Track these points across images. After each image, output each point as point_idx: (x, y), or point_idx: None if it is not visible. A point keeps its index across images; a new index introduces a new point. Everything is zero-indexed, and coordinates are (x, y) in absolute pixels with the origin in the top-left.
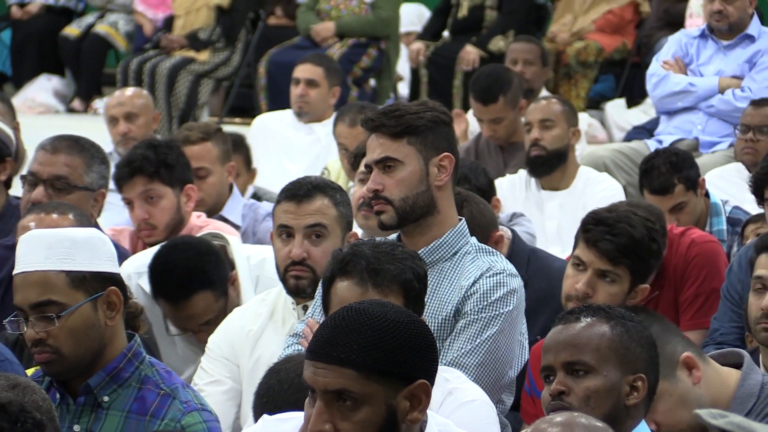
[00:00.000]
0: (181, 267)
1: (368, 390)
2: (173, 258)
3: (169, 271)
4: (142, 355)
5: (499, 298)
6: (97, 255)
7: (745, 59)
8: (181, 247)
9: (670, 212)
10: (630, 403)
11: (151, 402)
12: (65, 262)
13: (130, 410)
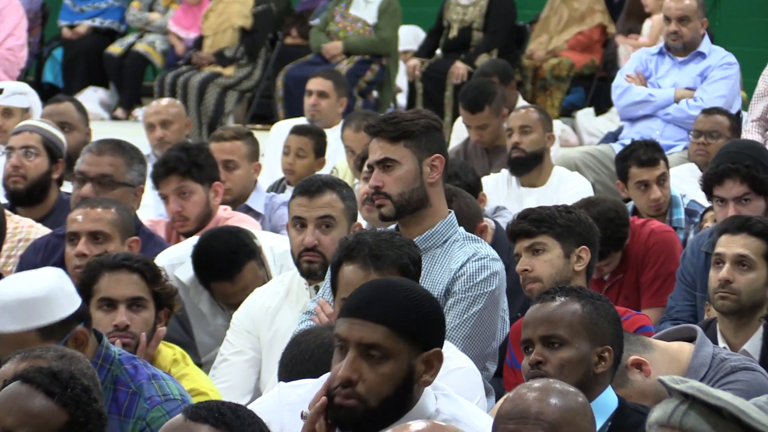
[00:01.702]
0: (224, 248)
1: (396, 347)
2: (215, 244)
3: (216, 255)
4: (111, 356)
5: (483, 279)
6: (59, 304)
7: (698, 73)
8: (217, 234)
9: (657, 183)
10: (598, 371)
11: (122, 402)
12: (34, 320)
13: (109, 411)
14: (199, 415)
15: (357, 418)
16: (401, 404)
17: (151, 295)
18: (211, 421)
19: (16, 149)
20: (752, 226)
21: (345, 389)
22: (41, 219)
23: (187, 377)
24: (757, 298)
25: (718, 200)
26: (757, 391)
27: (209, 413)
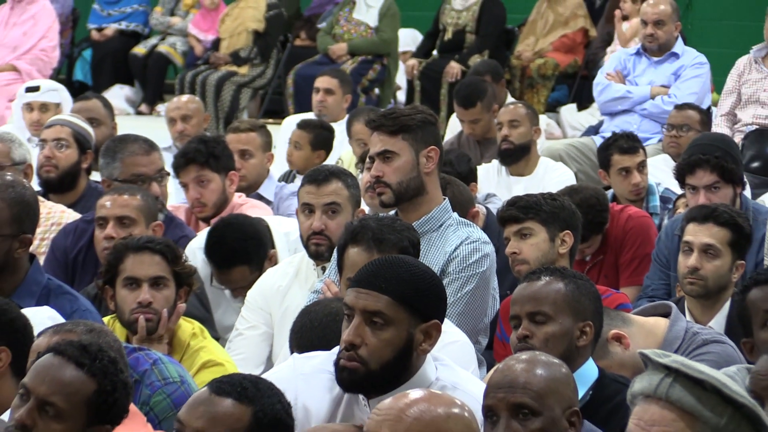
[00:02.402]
0: (228, 245)
1: (397, 316)
2: (225, 236)
3: (219, 246)
4: None
5: (475, 261)
6: None
7: (672, 72)
8: (234, 226)
9: (636, 169)
10: (580, 344)
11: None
12: None
13: None
14: (223, 389)
15: (359, 380)
16: (401, 370)
17: (172, 275)
18: (233, 395)
19: (48, 141)
20: (718, 216)
21: (348, 352)
22: (71, 205)
23: (204, 349)
24: (723, 282)
25: (690, 188)
26: (726, 362)
27: (232, 387)
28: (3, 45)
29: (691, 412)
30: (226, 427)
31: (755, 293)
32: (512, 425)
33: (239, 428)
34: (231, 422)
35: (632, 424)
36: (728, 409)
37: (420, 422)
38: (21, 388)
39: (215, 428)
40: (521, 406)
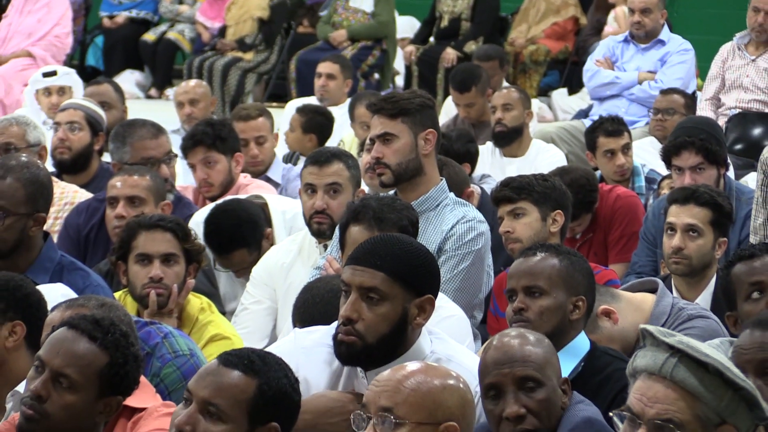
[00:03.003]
0: (225, 231)
1: (392, 291)
2: (221, 222)
3: (216, 233)
4: None
5: (471, 239)
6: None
7: (658, 58)
8: (229, 213)
9: (622, 152)
10: (573, 318)
11: None
12: None
13: None
14: (231, 361)
15: (356, 353)
16: (396, 343)
17: (181, 252)
18: (240, 367)
19: (62, 124)
20: (698, 197)
21: (346, 327)
22: (84, 185)
23: (212, 323)
24: (706, 260)
25: (676, 169)
26: (710, 335)
27: (239, 360)
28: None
29: (693, 393)
30: (231, 397)
31: (739, 268)
32: (520, 398)
33: (244, 399)
34: (236, 392)
35: (634, 398)
36: (728, 392)
37: (417, 393)
38: (36, 360)
39: (220, 397)
40: (526, 379)
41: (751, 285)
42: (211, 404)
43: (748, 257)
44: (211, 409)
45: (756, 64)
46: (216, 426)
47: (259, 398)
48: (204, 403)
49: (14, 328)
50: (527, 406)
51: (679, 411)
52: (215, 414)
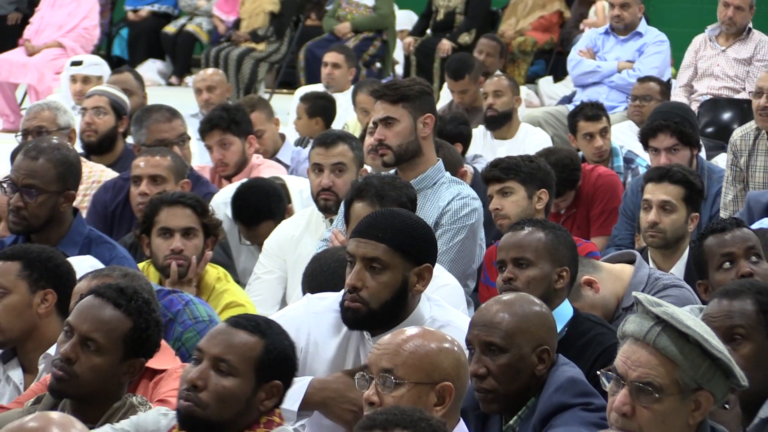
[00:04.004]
0: (252, 205)
1: (393, 261)
2: (248, 197)
3: (245, 207)
4: None
5: (465, 214)
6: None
7: (636, 49)
8: (255, 189)
9: (599, 135)
10: (558, 287)
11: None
12: None
13: None
14: (239, 323)
15: (361, 318)
16: (398, 308)
17: (200, 226)
18: (248, 328)
19: (89, 109)
20: (672, 175)
21: (351, 294)
22: (110, 165)
23: (228, 292)
24: (680, 233)
25: (653, 150)
26: (684, 303)
27: (246, 322)
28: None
29: (673, 360)
30: (240, 354)
31: (711, 240)
32: (482, 359)
33: (252, 356)
34: (245, 350)
35: (620, 360)
36: (706, 361)
37: (415, 355)
38: (66, 326)
39: (231, 354)
40: (490, 344)
41: (722, 256)
42: (222, 360)
43: (719, 230)
44: (222, 365)
45: (726, 54)
46: (227, 380)
47: (265, 357)
48: (215, 359)
49: (46, 296)
50: (488, 367)
51: (659, 376)
52: (226, 370)
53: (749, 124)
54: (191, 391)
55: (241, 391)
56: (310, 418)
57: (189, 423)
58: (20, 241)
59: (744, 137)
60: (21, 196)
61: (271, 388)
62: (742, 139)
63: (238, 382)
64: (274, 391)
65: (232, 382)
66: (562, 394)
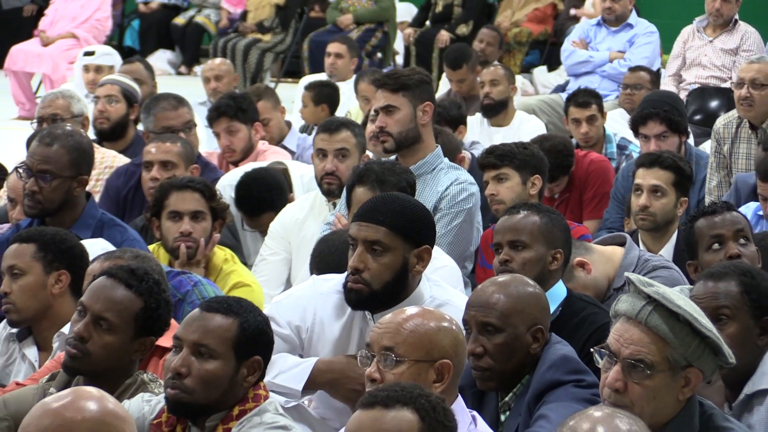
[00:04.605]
0: (254, 197)
1: (393, 243)
2: (251, 188)
3: (247, 198)
4: None
5: (463, 198)
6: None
7: (627, 40)
8: (258, 180)
9: (586, 121)
10: (552, 268)
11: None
12: None
13: None
14: (212, 307)
15: (364, 299)
16: (399, 289)
17: (208, 209)
18: (221, 310)
19: (101, 98)
20: (662, 161)
21: (354, 276)
22: (122, 151)
23: (235, 272)
24: (669, 217)
25: (643, 137)
26: (672, 284)
27: (219, 304)
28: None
29: (664, 338)
30: (218, 337)
31: (701, 222)
32: (479, 339)
33: (229, 337)
34: (221, 332)
35: (612, 338)
36: (696, 340)
37: (415, 334)
38: (79, 305)
39: (209, 338)
40: (486, 324)
41: (711, 237)
42: (201, 345)
43: (710, 213)
44: (202, 349)
45: (713, 44)
46: (208, 363)
47: (242, 335)
48: (195, 345)
49: (60, 277)
50: (485, 347)
51: (650, 353)
52: (206, 353)
53: (731, 112)
54: (176, 379)
55: (224, 372)
56: (318, 393)
57: (178, 409)
58: (35, 224)
59: (727, 125)
60: (36, 181)
61: (251, 364)
62: (725, 127)
63: (220, 364)
64: (255, 366)
65: (214, 364)
66: (555, 372)
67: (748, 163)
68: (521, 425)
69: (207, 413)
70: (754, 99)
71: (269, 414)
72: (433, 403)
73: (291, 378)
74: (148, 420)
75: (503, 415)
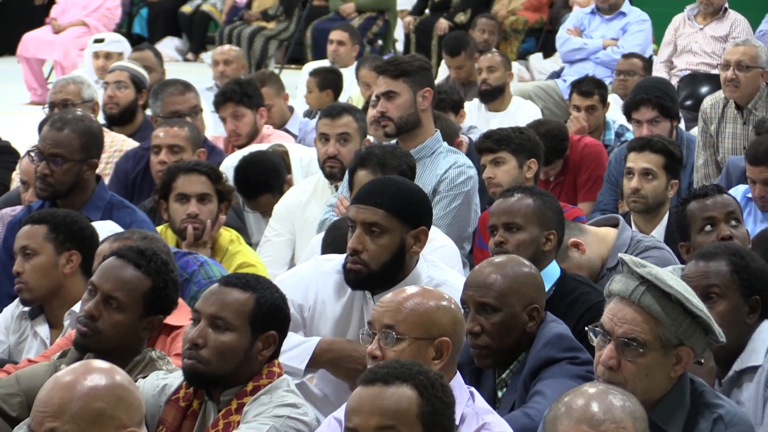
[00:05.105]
0: (251, 180)
1: (391, 225)
2: (247, 173)
3: (244, 182)
4: None
5: (461, 181)
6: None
7: (620, 27)
8: (255, 164)
9: (585, 110)
10: (546, 249)
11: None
12: None
13: None
14: (230, 282)
15: (362, 279)
16: (397, 269)
17: (215, 192)
18: (239, 285)
19: (111, 84)
20: (653, 145)
21: (353, 257)
22: (131, 135)
23: (240, 253)
24: (660, 199)
25: (635, 122)
26: (664, 264)
27: (237, 280)
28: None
29: (656, 317)
30: (234, 310)
31: (693, 205)
32: (477, 318)
33: (245, 311)
34: (238, 306)
35: (606, 317)
36: (687, 319)
37: (414, 312)
38: (89, 285)
39: (226, 311)
40: (484, 304)
41: (703, 219)
42: (218, 318)
43: (702, 196)
44: (219, 322)
45: (703, 32)
46: (224, 336)
47: (258, 310)
48: (212, 318)
49: (71, 257)
50: (482, 325)
51: (643, 332)
52: (222, 326)
53: (718, 93)
54: (193, 350)
55: (239, 345)
56: (320, 371)
57: (194, 379)
58: (47, 206)
59: (714, 105)
60: (47, 164)
61: (267, 338)
62: (711, 108)
63: (235, 337)
64: (270, 340)
65: (230, 336)
66: (550, 349)
67: (734, 142)
68: (518, 401)
69: (222, 385)
70: (740, 80)
71: (280, 391)
72: (431, 379)
73: (294, 357)
74: (164, 397)
75: (500, 391)
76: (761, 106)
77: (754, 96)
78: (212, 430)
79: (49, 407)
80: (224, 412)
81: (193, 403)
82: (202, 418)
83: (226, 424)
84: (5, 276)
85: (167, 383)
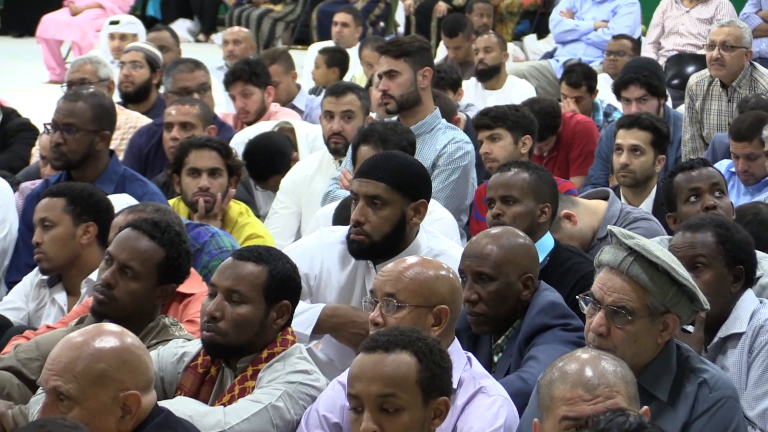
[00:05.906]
0: (260, 162)
1: (392, 197)
2: (256, 157)
3: (253, 165)
4: None
5: (459, 156)
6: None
7: (610, 10)
8: (261, 148)
9: (574, 101)
10: (540, 221)
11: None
12: None
13: None
14: (244, 256)
15: (365, 249)
16: (397, 239)
17: (225, 166)
18: (252, 258)
19: (126, 63)
20: (641, 122)
21: (356, 228)
22: (145, 112)
23: (249, 225)
24: (648, 173)
25: (625, 100)
26: (652, 235)
27: (250, 253)
28: None
29: (644, 286)
30: (249, 283)
31: (680, 177)
32: (474, 287)
33: (259, 283)
34: (252, 278)
35: (596, 287)
36: (673, 288)
37: (415, 281)
38: (106, 255)
39: (241, 284)
40: (481, 273)
41: (689, 190)
42: (233, 291)
43: (688, 168)
44: (234, 295)
45: (690, 14)
46: (240, 308)
47: (271, 281)
48: (228, 291)
49: (88, 228)
50: (479, 294)
51: (631, 300)
52: (238, 299)
53: (704, 71)
54: (211, 323)
55: (255, 315)
56: (325, 337)
57: (214, 350)
58: (63, 179)
59: (699, 83)
60: (61, 133)
61: (280, 308)
62: (697, 85)
63: (251, 308)
64: (283, 310)
65: (245, 308)
66: (543, 316)
67: (719, 118)
68: (513, 365)
69: (239, 354)
70: (725, 60)
71: (293, 358)
72: (429, 345)
73: (300, 323)
74: (183, 364)
75: (496, 356)
76: (745, 85)
77: (738, 75)
78: (228, 394)
79: (56, 365)
80: (240, 378)
81: (210, 369)
82: (219, 383)
83: (241, 389)
84: (24, 246)
85: (186, 351)
